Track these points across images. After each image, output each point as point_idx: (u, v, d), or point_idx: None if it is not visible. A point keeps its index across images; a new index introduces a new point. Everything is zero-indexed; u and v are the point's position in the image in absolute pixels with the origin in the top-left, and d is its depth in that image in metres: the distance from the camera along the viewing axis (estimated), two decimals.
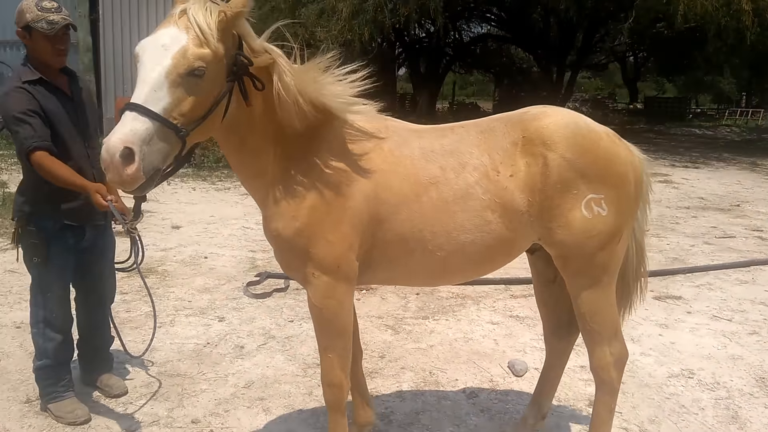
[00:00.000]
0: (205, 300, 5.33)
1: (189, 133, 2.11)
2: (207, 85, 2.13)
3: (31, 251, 3.32)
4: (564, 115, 2.69)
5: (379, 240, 2.56)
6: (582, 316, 2.79)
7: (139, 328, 4.70)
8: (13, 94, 3.07)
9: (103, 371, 3.81)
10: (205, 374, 4.01)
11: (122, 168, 1.95)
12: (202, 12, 2.09)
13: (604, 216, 2.60)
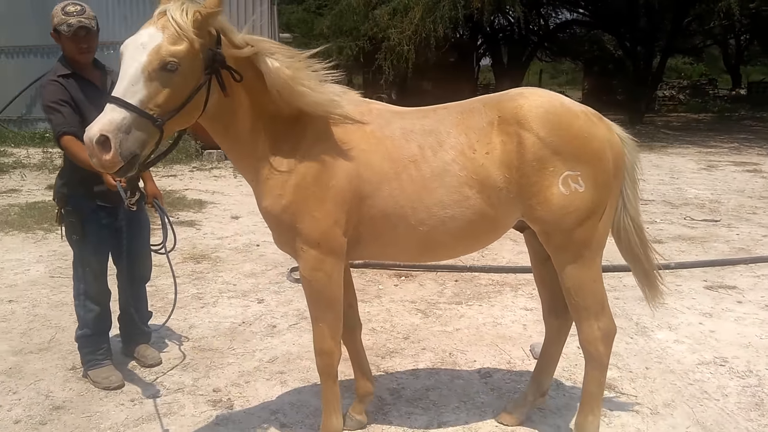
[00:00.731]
0: (249, 284, 5.71)
1: (165, 123, 2.37)
2: (181, 79, 2.36)
3: (70, 229, 3.76)
4: (540, 96, 2.81)
5: (364, 216, 2.76)
6: (567, 291, 2.87)
7: (183, 308, 5.11)
8: (48, 86, 3.52)
9: (140, 343, 4.23)
10: (235, 349, 4.35)
11: (100, 153, 2.24)
12: (178, 12, 2.36)
13: (581, 192, 2.69)
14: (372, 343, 4.44)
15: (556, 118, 2.70)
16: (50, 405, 3.65)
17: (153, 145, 2.43)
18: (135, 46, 2.32)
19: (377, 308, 5.10)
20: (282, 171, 2.72)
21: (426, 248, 2.89)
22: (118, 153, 2.25)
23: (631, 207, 2.97)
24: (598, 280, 2.88)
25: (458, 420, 3.45)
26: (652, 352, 4.25)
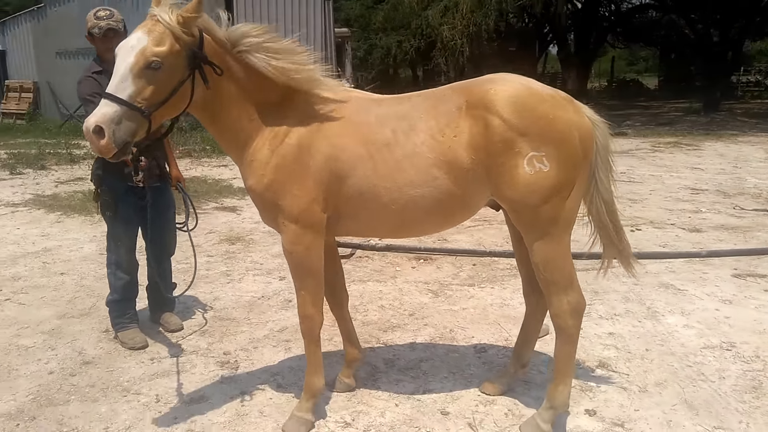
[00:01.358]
0: (275, 263, 6.08)
1: (152, 114, 2.70)
2: (165, 75, 2.67)
3: (104, 207, 4.22)
4: (508, 81, 2.97)
5: (342, 195, 3.02)
6: (536, 267, 3.04)
7: (211, 282, 5.54)
8: (84, 82, 4.00)
9: (165, 310, 4.66)
10: (250, 319, 4.72)
11: (97, 141, 2.60)
12: (166, 15, 2.70)
13: (546, 171, 2.83)
14: (377, 318, 4.71)
15: (521, 101, 2.86)
16: (81, 360, 4.11)
17: (144, 133, 2.76)
18: (126, 48, 2.67)
19: (390, 287, 5.35)
20: (265, 153, 3.00)
21: (400, 225, 3.12)
22: (112, 141, 2.60)
23: (604, 188, 3.09)
24: (566, 256, 3.02)
25: (444, 388, 3.66)
26: (658, 335, 4.30)
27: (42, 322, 4.75)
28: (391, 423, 3.32)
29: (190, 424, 3.34)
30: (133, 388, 3.73)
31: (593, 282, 5.27)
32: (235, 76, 2.94)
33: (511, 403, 3.49)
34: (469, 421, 3.32)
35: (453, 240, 6.73)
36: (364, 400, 3.56)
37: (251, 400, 3.57)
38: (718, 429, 3.22)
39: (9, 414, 3.45)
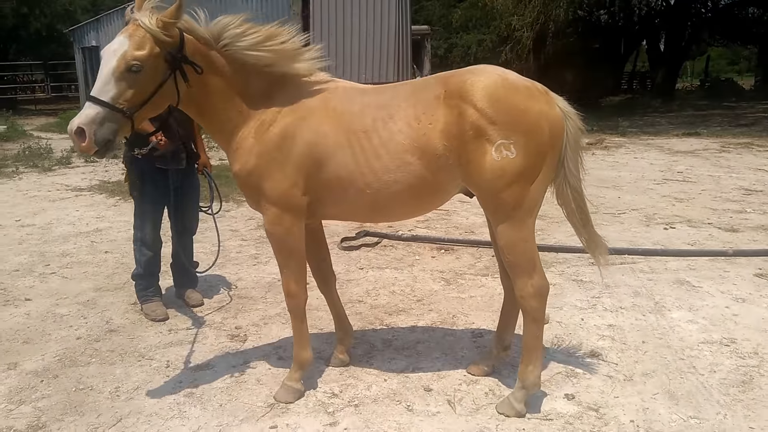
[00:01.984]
0: None
1: (134, 114, 2.94)
2: (145, 77, 2.91)
3: (133, 186, 4.63)
4: (485, 72, 3.15)
5: (321, 180, 3.25)
6: (501, 249, 3.22)
7: (238, 264, 5.92)
8: None
9: (188, 287, 5.05)
10: (266, 299, 5.05)
11: (78, 141, 2.87)
12: (147, 19, 2.95)
13: (512, 158, 3.01)
14: (386, 302, 4.95)
15: (494, 91, 3.03)
16: (107, 328, 4.54)
17: (127, 131, 3.03)
18: (109, 52, 2.92)
19: (405, 275, 5.58)
20: (250, 141, 3.25)
21: (376, 209, 3.34)
22: (93, 141, 2.85)
23: (573, 177, 3.24)
24: (529, 240, 3.18)
25: (432, 367, 3.87)
26: (658, 328, 4.36)
27: (80, 294, 5.23)
28: (375, 396, 3.56)
29: (192, 387, 3.67)
30: (148, 354, 4.11)
31: (607, 276, 5.34)
32: (221, 70, 3.18)
33: (493, 384, 3.66)
34: (449, 398, 3.52)
35: (479, 232, 6.87)
36: (355, 374, 3.81)
37: (252, 370, 3.88)
38: (693, 418, 3.29)
39: (35, 371, 3.89)
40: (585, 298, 4.93)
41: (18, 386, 3.71)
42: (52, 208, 8.58)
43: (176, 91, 3.10)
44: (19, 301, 5.09)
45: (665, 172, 10.55)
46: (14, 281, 5.59)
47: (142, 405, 3.48)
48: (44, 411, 3.43)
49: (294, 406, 3.46)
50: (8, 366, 3.96)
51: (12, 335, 4.43)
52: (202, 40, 3.12)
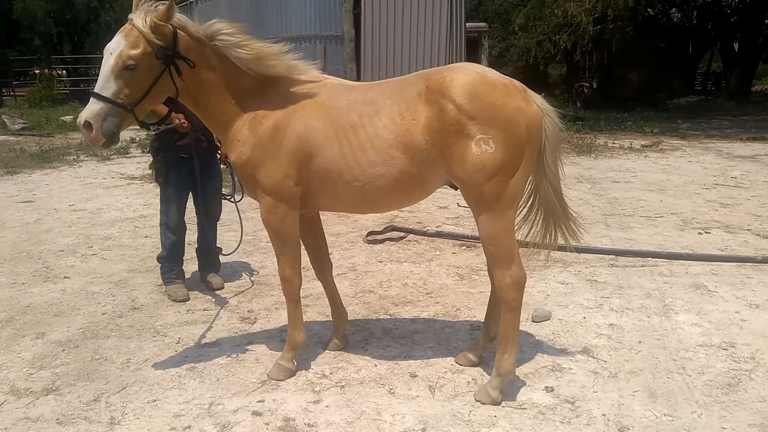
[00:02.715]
0: (329, 240, 6.66)
1: (134, 107, 3.27)
2: (140, 74, 3.22)
3: (158, 174, 5.03)
4: (464, 69, 3.34)
5: (312, 172, 3.50)
6: (482, 241, 3.40)
7: (265, 253, 6.26)
8: None
9: (211, 271, 5.42)
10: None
11: (87, 134, 3.23)
12: (140, 20, 3.25)
13: (491, 152, 3.19)
14: (395, 294, 5.17)
15: (473, 88, 3.21)
16: (131, 306, 4.96)
17: (130, 123, 3.37)
18: (108, 51, 3.24)
19: (422, 269, 5.78)
20: (244, 133, 3.52)
21: (364, 201, 3.56)
22: (100, 133, 3.21)
23: (551, 173, 3.44)
24: (509, 232, 3.34)
25: (424, 356, 4.07)
26: (659, 330, 4.41)
27: (113, 274, 5.69)
28: (362, 379, 3.79)
29: (196, 363, 4.00)
30: (163, 331, 4.48)
31: (624, 277, 5.41)
32: (213, 65, 3.47)
33: (477, 374, 3.83)
34: (431, 384, 3.72)
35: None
36: (348, 359, 4.06)
37: (253, 350, 4.19)
38: (667, 416, 3.37)
39: (59, 341, 4.32)
40: (594, 297, 5.01)
41: (42, 353, 4.14)
42: (105, 194, 9.21)
43: (173, 85, 3.41)
44: (58, 279, 5.59)
45: (718, 176, 10.31)
46: (58, 260, 6.11)
47: (147, 375, 3.84)
48: (60, 376, 3.83)
49: (284, 383, 3.74)
50: (36, 335, 4.41)
51: (45, 308, 4.90)
52: (195, 38, 3.40)
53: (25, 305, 4.96)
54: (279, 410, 3.45)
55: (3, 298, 5.10)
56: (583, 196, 8.80)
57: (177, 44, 3.33)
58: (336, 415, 3.40)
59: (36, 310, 4.87)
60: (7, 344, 4.27)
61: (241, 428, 3.29)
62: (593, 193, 9.10)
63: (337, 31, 17.93)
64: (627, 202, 8.39)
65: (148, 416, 3.40)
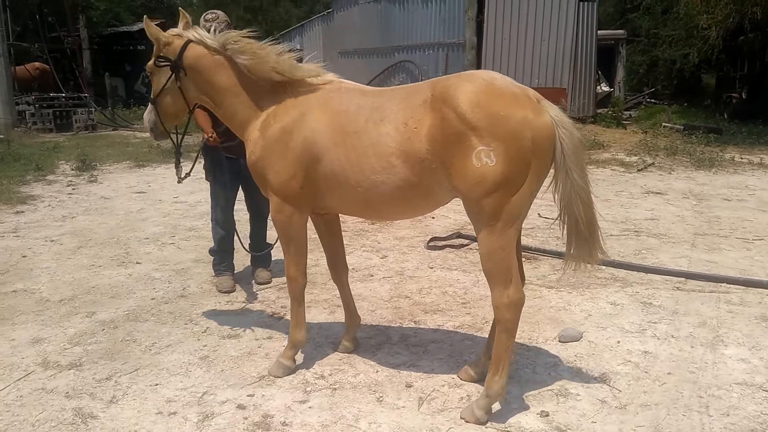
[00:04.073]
0: (391, 244, 6.72)
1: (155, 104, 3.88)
2: (154, 79, 3.85)
3: (207, 173, 5.32)
4: (473, 77, 3.22)
5: (319, 174, 3.54)
6: (481, 257, 3.26)
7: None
8: None
9: (260, 266, 5.63)
10: (326, 285, 5.45)
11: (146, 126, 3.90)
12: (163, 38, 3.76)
13: (491, 166, 3.03)
14: (430, 301, 5.09)
15: (476, 97, 3.08)
16: (180, 294, 5.28)
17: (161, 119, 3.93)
18: None
19: (469, 278, 5.64)
20: (256, 134, 3.67)
21: (367, 207, 3.55)
22: (147, 125, 3.95)
23: (580, 188, 3.19)
24: (508, 250, 3.16)
25: (428, 366, 3.98)
26: (697, 362, 4.00)
27: (179, 263, 6.08)
28: (357, 383, 3.78)
29: (211, 352, 4.20)
30: (195, 320, 4.74)
31: (684, 302, 4.97)
32: (229, 71, 3.69)
33: (474, 390, 3.68)
34: (422, 396, 3.63)
35: None
36: (353, 362, 4.06)
37: (268, 345, 4.31)
38: None
39: (103, 321, 4.70)
40: (639, 321, 4.63)
41: (83, 331, 4.53)
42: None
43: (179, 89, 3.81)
44: (130, 264, 6.07)
45: None
46: (139, 247, 6.63)
47: (161, 360, 4.08)
48: (89, 353, 4.17)
49: (281, 380, 3.82)
50: (87, 314, 4.82)
51: (107, 290, 5.34)
52: (210, 47, 3.68)
53: (91, 286, 5.44)
54: (263, 406, 3.53)
55: (76, 278, 5.62)
56: (682, 213, 8.11)
57: (182, 56, 3.68)
58: (315, 416, 3.43)
59: (98, 291, 5.32)
60: (60, 320, 4.71)
61: (220, 419, 3.40)
62: (695, 210, 8.36)
63: (460, 39, 17.97)
64: (728, 222, 7.62)
65: (144, 398, 3.61)
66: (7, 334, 4.46)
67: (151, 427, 3.34)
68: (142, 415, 3.44)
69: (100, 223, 7.66)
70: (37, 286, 5.42)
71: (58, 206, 8.62)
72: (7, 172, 10.86)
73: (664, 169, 11.83)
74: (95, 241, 6.87)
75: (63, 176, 10.91)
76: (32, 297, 5.18)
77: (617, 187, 10.06)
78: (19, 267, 5.94)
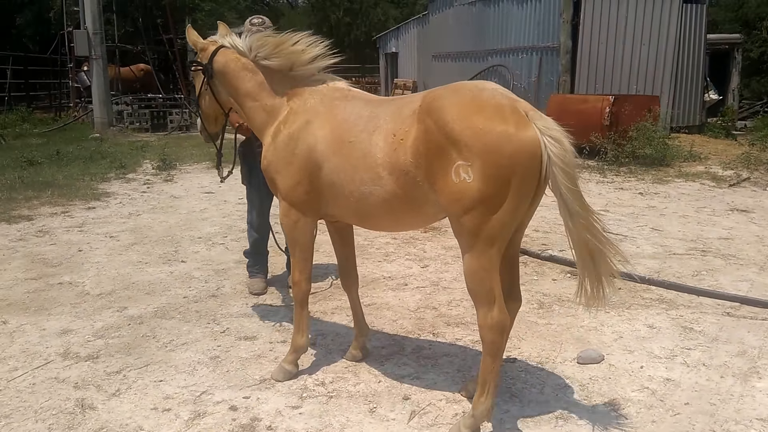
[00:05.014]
0: (436, 253, 6.65)
1: (196, 102, 4.18)
2: (195, 83, 4.16)
3: (243, 177, 5.46)
4: (460, 88, 3.14)
5: (321, 182, 3.56)
6: (464, 275, 3.16)
7: (369, 258, 6.40)
8: None
9: None
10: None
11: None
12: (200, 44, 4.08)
13: (468, 182, 2.92)
14: (456, 314, 4.99)
15: (457, 109, 2.99)
16: (212, 293, 5.45)
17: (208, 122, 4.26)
18: None
19: None
20: (268, 139, 3.77)
21: (360, 216, 3.55)
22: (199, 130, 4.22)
23: (573, 208, 2.99)
24: (489, 270, 3.03)
25: (432, 380, 3.90)
26: (722, 394, 3.69)
27: (222, 263, 6.27)
28: (354, 392, 3.76)
29: (222, 352, 4.29)
30: (218, 319, 4.86)
31: (729, 329, 4.63)
32: (250, 75, 3.83)
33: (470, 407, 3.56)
34: (416, 410, 3.55)
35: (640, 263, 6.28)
36: (357, 370, 4.04)
37: (281, 349, 4.35)
38: None
39: (131, 316, 4.91)
40: (672, 347, 4.33)
41: (110, 325, 4.75)
42: None
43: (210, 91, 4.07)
44: (175, 262, 6.31)
45: None
46: (189, 246, 6.89)
47: (173, 357, 4.21)
48: (109, 347, 4.37)
49: (280, 385, 3.85)
50: (119, 309, 5.06)
51: (144, 286, 5.58)
52: (242, 53, 3.86)
53: (132, 282, 5.70)
54: (255, 409, 3.58)
55: (120, 274, 5.91)
56: (763, 234, 7.51)
57: (212, 61, 3.90)
58: (301, 423, 3.43)
59: (136, 287, 5.57)
60: (92, 313, 4.97)
61: (210, 419, 3.47)
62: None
63: (554, 42, 17.61)
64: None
65: (144, 393, 3.74)
66: (40, 324, 4.75)
67: (142, 422, 3.45)
68: (138, 410, 3.56)
69: (161, 222, 8.02)
70: (82, 280, 5.74)
71: (128, 204, 9.11)
72: (92, 169, 11.61)
73: (759, 185, 11.01)
74: (150, 238, 7.20)
75: (143, 175, 11.52)
76: (74, 290, 5.50)
77: (700, 203, 9.47)
78: (73, 261, 6.32)
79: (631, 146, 12.25)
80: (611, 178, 11.40)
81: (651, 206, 9.15)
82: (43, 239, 7.15)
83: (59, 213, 8.42)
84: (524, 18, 18.79)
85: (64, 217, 8.24)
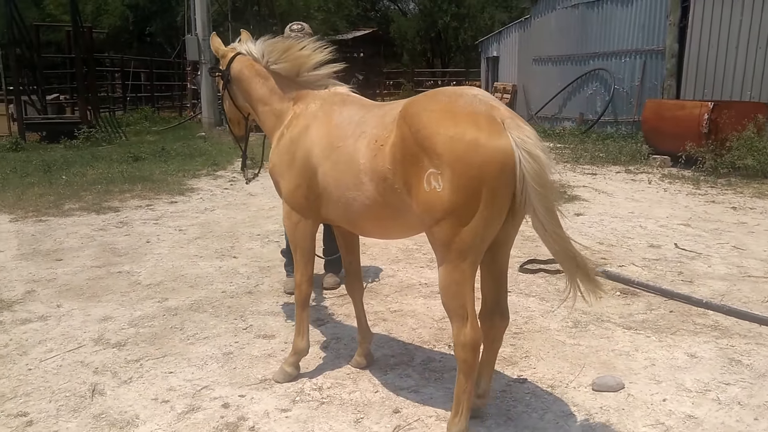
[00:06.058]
0: None
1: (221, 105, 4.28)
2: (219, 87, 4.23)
3: None
4: (439, 94, 3.02)
5: (318, 185, 3.53)
6: (439, 289, 3.03)
7: (410, 263, 6.30)
8: None
9: (331, 271, 5.71)
10: (387, 296, 5.36)
11: None
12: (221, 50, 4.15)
13: (438, 192, 2.80)
14: None
15: (428, 116, 2.86)
16: (248, 290, 5.56)
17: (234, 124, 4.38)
18: None
19: (541, 306, 5.18)
20: (275, 142, 3.81)
21: (349, 221, 3.51)
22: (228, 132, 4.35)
23: (544, 220, 2.79)
24: (461, 285, 2.88)
25: (429, 395, 3.75)
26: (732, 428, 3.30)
27: (269, 260, 6.39)
28: (347, 400, 3.69)
29: (237, 349, 4.35)
30: (245, 316, 4.94)
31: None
32: (261, 80, 3.89)
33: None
34: (400, 424, 3.43)
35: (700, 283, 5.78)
36: (358, 378, 3.96)
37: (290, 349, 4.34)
38: None
39: (168, 308, 5.09)
40: (710, 380, 3.91)
41: (147, 314, 4.94)
42: None
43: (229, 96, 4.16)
44: (227, 257, 6.50)
45: None
46: (245, 243, 7.08)
47: (189, 350, 4.32)
48: (138, 335, 4.55)
49: (279, 386, 3.84)
50: (160, 300, 5.26)
51: (190, 279, 5.78)
52: (256, 59, 3.92)
53: (181, 274, 5.92)
54: (245, 408, 3.59)
55: (174, 266, 6.15)
56: None
57: (229, 67, 3.97)
58: (284, 427, 3.41)
59: (183, 279, 5.78)
60: (135, 302, 5.19)
61: (200, 414, 3.52)
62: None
63: (659, 46, 16.71)
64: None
65: (151, 384, 3.86)
66: (87, 310, 5.02)
67: (140, 411, 3.55)
68: (140, 399, 3.68)
69: (230, 218, 8.29)
70: (139, 270, 6.03)
71: (208, 199, 9.49)
72: (186, 165, 12.22)
73: None
74: (214, 233, 7.46)
75: (230, 172, 11.97)
76: (129, 279, 5.78)
77: None
78: (138, 251, 6.65)
79: (731, 156, 11.30)
80: (705, 190, 10.56)
81: (741, 222, 8.38)
82: (120, 230, 7.59)
83: (143, 206, 8.91)
84: (628, 20, 17.93)
85: (147, 209, 8.71)
